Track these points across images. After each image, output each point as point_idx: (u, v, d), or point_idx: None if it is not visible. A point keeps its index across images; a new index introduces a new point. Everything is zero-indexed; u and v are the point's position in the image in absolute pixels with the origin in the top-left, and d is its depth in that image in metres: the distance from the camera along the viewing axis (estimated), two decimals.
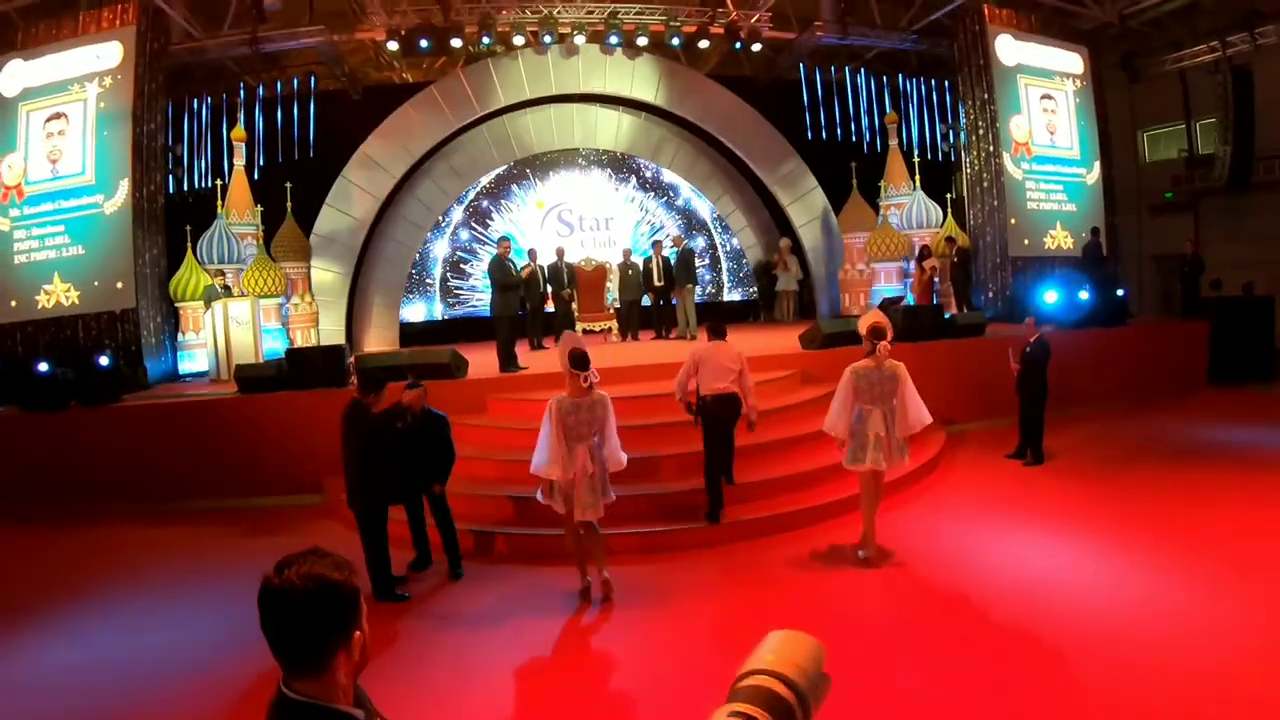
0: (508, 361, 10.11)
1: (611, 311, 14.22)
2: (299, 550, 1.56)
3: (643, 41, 15.41)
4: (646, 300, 14.16)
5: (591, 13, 14.94)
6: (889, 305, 12.67)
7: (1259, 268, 15.29)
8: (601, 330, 14.10)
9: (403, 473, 6.17)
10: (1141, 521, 6.77)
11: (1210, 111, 16.41)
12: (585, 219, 17.53)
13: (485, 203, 17.16)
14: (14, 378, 10.52)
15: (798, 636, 1.23)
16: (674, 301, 13.79)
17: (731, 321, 16.10)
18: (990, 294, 15.01)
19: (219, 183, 14.12)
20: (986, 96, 15.11)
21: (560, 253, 14.12)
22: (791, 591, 5.83)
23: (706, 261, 18.14)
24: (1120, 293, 14.26)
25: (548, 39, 14.82)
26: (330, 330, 14.67)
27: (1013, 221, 14.93)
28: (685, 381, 7.24)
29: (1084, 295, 12.79)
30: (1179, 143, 17.90)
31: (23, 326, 12.01)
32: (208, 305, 11.74)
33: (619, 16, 14.88)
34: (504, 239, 11.32)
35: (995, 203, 15.03)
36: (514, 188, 17.28)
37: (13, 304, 12.05)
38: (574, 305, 13.91)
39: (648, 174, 17.96)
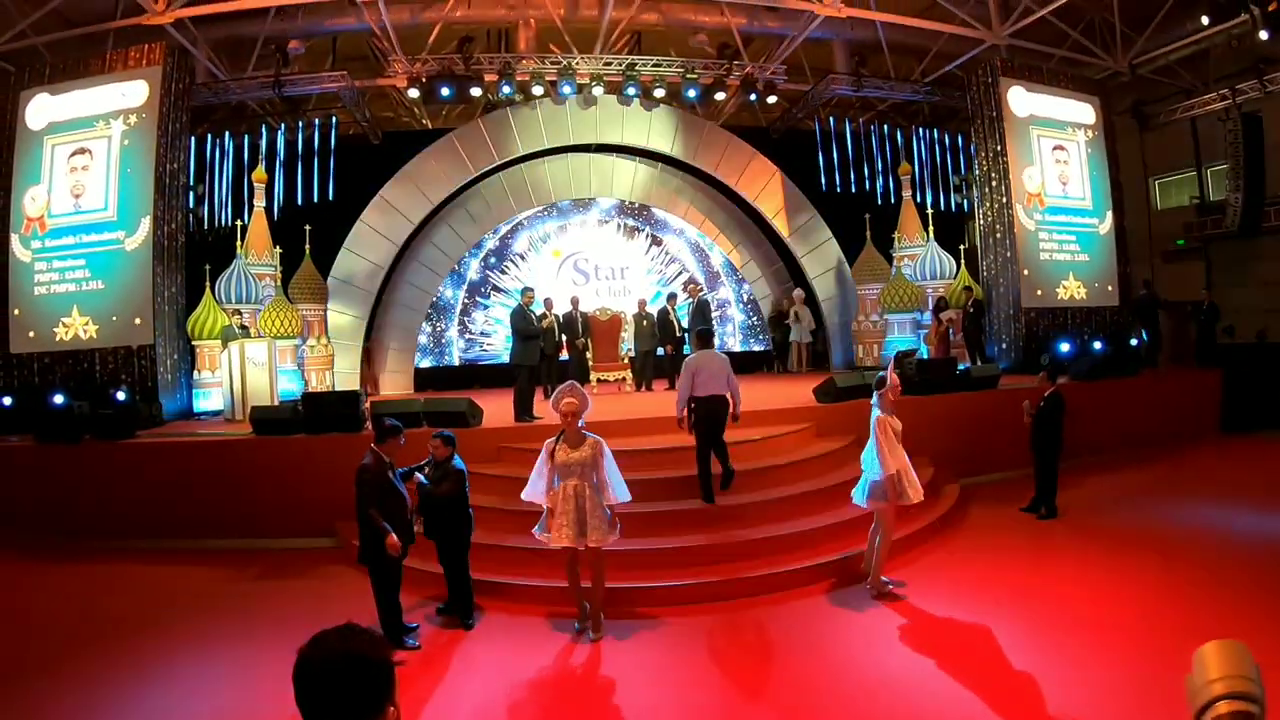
0: (523, 411, 10.03)
1: (626, 361, 14.20)
2: (334, 626, 1.60)
3: (660, 93, 15.71)
4: (661, 351, 14.14)
5: (609, 64, 15.23)
6: (903, 357, 12.66)
7: (1271, 314, 15.37)
8: (616, 380, 14.09)
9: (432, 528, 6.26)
10: (1149, 595, 6.63)
11: (1221, 158, 16.54)
12: (600, 268, 17.71)
13: (501, 250, 17.36)
14: (30, 408, 10.66)
15: (1229, 647, 1.32)
16: (687, 352, 13.71)
17: (745, 372, 16.24)
18: (1003, 345, 15.01)
19: (239, 223, 14.30)
20: (999, 148, 15.26)
21: (575, 302, 14.18)
22: (801, 647, 5.75)
23: (722, 311, 18.22)
24: (1134, 342, 14.30)
25: (566, 89, 15.08)
26: (345, 373, 14.77)
27: (1025, 272, 14.98)
28: (687, 391, 7.77)
29: (1097, 345, 12.85)
30: (1190, 190, 18.01)
31: (40, 357, 12.15)
32: (225, 345, 11.83)
33: (636, 68, 15.14)
34: (528, 289, 11.27)
35: (1008, 254, 15.10)
36: (530, 236, 17.48)
37: (31, 334, 12.22)
38: (588, 355, 13.93)
39: (663, 224, 18.11)
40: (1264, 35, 12.56)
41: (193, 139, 13.95)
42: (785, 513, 7.88)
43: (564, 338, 13.56)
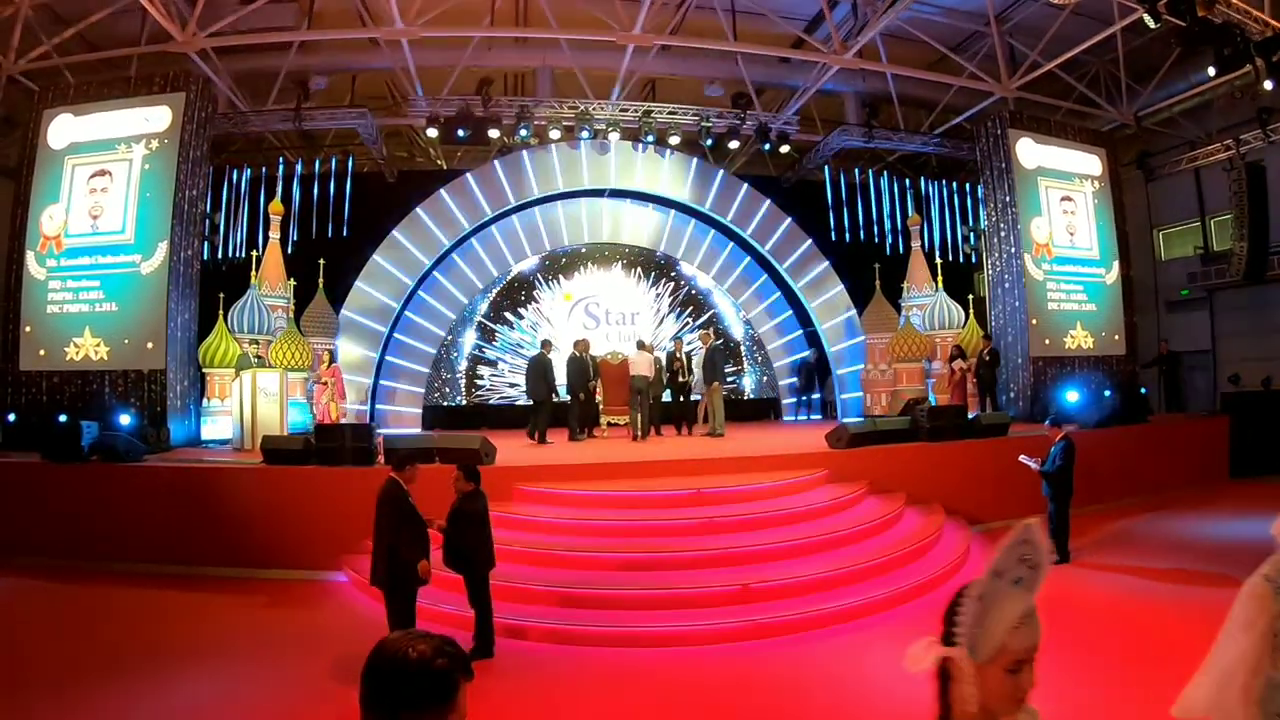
0: (574, 432, 12.78)
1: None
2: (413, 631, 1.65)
3: (674, 140, 15.93)
4: (669, 395, 14.03)
5: (626, 110, 15.49)
6: (913, 405, 12.69)
7: (1277, 361, 15.46)
8: (626, 424, 13.92)
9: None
10: (1163, 634, 6.55)
11: (1224, 208, 16.73)
12: (611, 313, 17.75)
13: (513, 292, 17.40)
14: (37, 426, 10.65)
15: None
16: (695, 398, 13.71)
17: (754, 419, 16.30)
18: (1012, 394, 15.03)
19: (254, 253, 14.37)
20: (1008, 199, 15.42)
21: (586, 345, 14.10)
22: (812, 692, 5.69)
23: (733, 358, 18.21)
24: (1142, 390, 14.40)
25: (583, 134, 15.29)
26: (354, 408, 14.77)
27: (1034, 322, 15.05)
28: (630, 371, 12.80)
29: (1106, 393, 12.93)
30: (1194, 240, 18.14)
31: (49, 376, 12.12)
32: (238, 373, 11.81)
33: (652, 115, 15.37)
34: (581, 340, 13.36)
35: (1016, 303, 15.19)
36: (542, 278, 17.54)
37: (41, 353, 12.19)
38: (598, 399, 13.84)
39: (674, 270, 18.20)
40: (1268, 85, 12.71)
41: (211, 168, 14.05)
42: (797, 557, 7.81)
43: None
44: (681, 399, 14.04)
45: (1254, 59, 12.13)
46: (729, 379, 16.33)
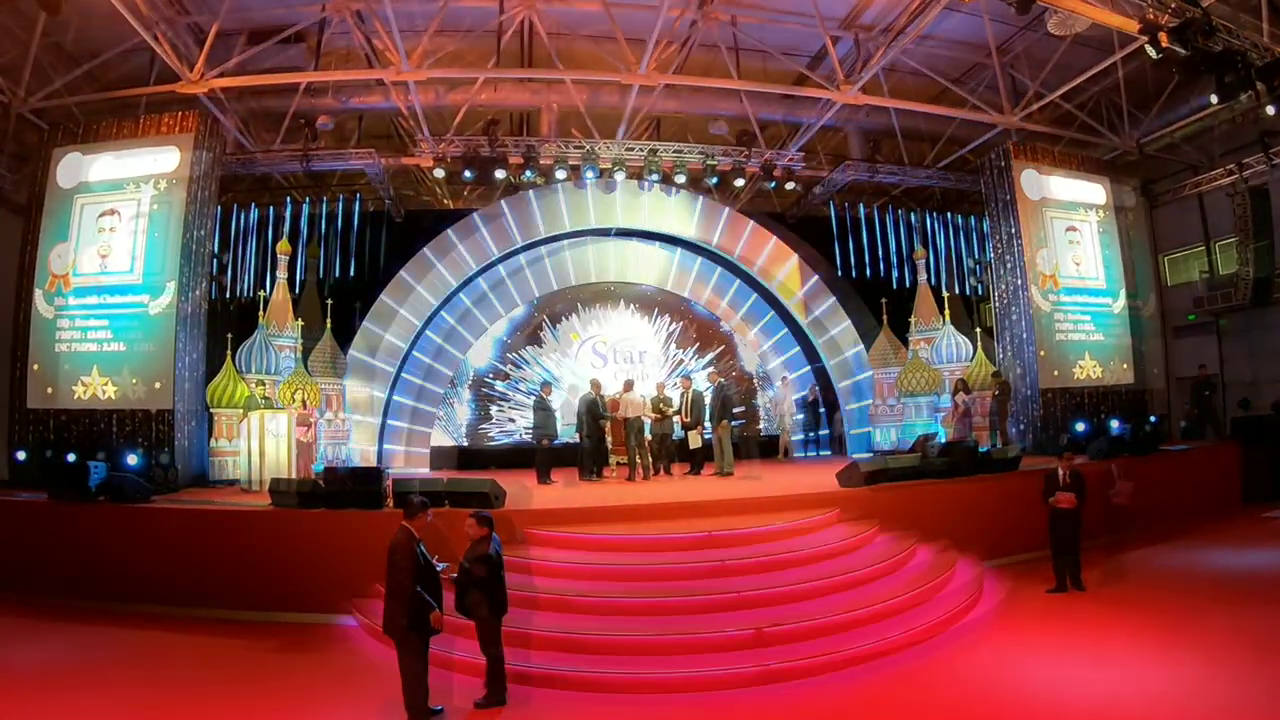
0: (585, 473, 12.62)
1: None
2: None
3: (680, 179, 16.04)
4: (679, 433, 13.68)
5: (632, 149, 15.61)
6: (924, 442, 12.60)
7: None
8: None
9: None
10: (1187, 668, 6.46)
11: (1229, 232, 16.77)
12: (619, 352, 17.62)
13: (520, 331, 17.31)
14: (45, 465, 10.69)
15: None
16: (706, 437, 13.49)
17: (763, 457, 16.31)
18: (1021, 426, 14.92)
19: (261, 293, 14.38)
20: (1014, 230, 15.43)
21: (599, 386, 13.90)
22: None
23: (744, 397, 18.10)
24: (1152, 419, 14.30)
25: (589, 174, 15.40)
26: (361, 449, 14.73)
27: (1042, 353, 14.99)
28: (617, 410, 12.78)
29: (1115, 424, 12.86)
30: (1200, 264, 18.14)
31: (56, 415, 12.14)
32: (246, 414, 11.79)
33: (658, 154, 15.48)
34: (595, 380, 13.36)
35: (1024, 335, 15.16)
36: (549, 318, 17.45)
37: (49, 391, 12.22)
38: (607, 439, 13.53)
39: (681, 309, 18.09)
40: (1270, 110, 12.66)
41: (219, 207, 14.09)
42: (808, 601, 7.71)
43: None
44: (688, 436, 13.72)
45: (1255, 84, 12.12)
46: (738, 419, 16.04)
